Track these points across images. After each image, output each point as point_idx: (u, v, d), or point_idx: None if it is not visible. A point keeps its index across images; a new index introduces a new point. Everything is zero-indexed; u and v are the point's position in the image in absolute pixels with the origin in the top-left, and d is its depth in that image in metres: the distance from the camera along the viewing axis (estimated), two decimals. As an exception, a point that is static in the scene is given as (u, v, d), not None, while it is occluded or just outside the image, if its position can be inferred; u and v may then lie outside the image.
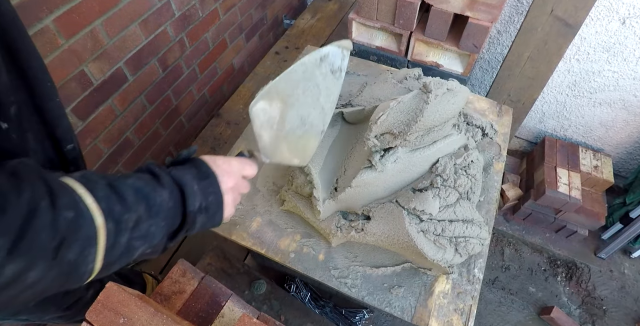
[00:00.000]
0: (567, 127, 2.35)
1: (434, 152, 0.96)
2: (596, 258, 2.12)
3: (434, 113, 0.87)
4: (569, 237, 2.17)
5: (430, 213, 0.90)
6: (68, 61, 1.39)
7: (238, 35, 2.25)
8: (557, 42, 1.88)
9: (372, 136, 0.90)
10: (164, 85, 1.86)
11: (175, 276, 1.10)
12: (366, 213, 0.97)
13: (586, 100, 2.22)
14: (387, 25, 1.64)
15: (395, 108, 0.87)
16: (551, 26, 1.85)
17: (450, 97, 0.89)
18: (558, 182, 2.08)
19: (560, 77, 2.22)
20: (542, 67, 2.00)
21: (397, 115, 0.87)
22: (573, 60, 2.17)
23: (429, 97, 0.85)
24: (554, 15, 1.82)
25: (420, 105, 0.86)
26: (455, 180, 0.95)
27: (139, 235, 0.53)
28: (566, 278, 2.10)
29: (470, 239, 0.93)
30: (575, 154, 2.21)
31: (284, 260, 1.06)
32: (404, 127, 0.88)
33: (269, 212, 1.14)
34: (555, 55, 1.93)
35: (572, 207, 2.04)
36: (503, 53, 2.33)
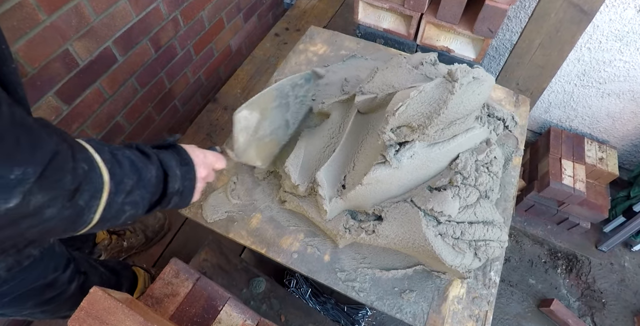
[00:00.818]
0: (573, 118, 2.26)
1: (454, 147, 0.85)
2: (597, 251, 2.06)
3: (458, 105, 0.76)
4: (570, 229, 2.10)
5: (449, 214, 0.80)
6: (50, 39, 1.24)
7: (236, 14, 2.09)
8: (571, 29, 1.75)
9: (388, 129, 0.78)
10: (156, 67, 1.71)
11: (168, 277, 0.99)
12: (378, 213, 0.87)
13: (594, 90, 2.12)
14: (397, 6, 1.51)
15: (415, 99, 0.75)
16: (565, 12, 1.72)
17: (476, 86, 0.78)
18: (563, 173, 1.99)
19: (569, 66, 2.11)
20: (553, 55, 1.87)
21: (417, 106, 0.76)
22: (584, 48, 2.05)
23: (454, 86, 0.73)
24: (569, 1, 1.69)
25: (444, 96, 0.74)
26: (476, 178, 0.85)
27: (130, 201, 0.59)
28: (566, 270, 2.04)
29: (490, 242, 0.83)
30: (581, 146, 2.12)
31: (286, 261, 0.96)
32: (425, 119, 0.76)
33: (269, 207, 1.03)
34: (568, 43, 1.81)
35: (575, 200, 1.96)
36: (512, 40, 2.20)
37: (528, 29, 1.80)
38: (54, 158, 0.46)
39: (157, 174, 0.64)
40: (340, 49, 1.38)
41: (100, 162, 0.54)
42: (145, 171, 0.62)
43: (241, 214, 1.04)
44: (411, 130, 0.79)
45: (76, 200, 0.50)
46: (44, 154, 0.45)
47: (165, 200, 0.68)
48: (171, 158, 0.69)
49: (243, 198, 1.06)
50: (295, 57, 1.36)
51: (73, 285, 1.09)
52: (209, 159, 0.80)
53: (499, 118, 0.94)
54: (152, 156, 0.65)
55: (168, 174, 0.66)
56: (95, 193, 0.53)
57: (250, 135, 0.87)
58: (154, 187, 0.64)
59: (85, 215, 0.53)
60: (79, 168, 0.50)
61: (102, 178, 0.53)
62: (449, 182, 0.84)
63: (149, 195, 0.63)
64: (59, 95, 1.35)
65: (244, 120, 0.84)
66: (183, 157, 0.72)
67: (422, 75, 0.95)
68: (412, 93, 0.74)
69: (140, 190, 0.60)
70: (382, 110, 0.97)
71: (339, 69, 1.30)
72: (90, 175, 0.52)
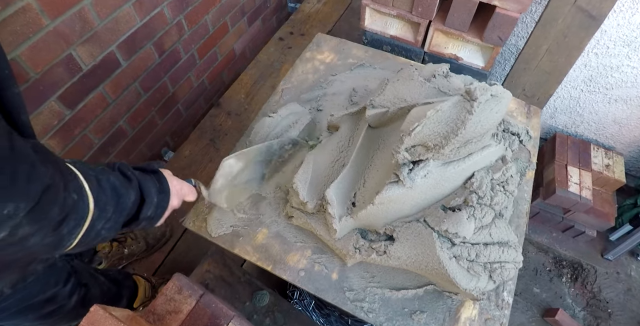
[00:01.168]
0: (579, 124, 2.21)
1: (469, 166, 0.81)
2: (603, 259, 2.02)
3: (475, 124, 0.72)
4: (575, 237, 2.06)
5: (464, 236, 0.77)
6: (54, 44, 1.20)
7: (240, 18, 2.05)
8: (579, 34, 1.71)
9: (403, 149, 0.74)
10: (160, 71, 1.67)
11: (170, 294, 0.95)
12: (389, 233, 0.83)
13: (601, 96, 2.08)
14: (404, 12, 1.46)
15: (432, 118, 0.71)
16: (573, 17, 1.68)
17: (494, 104, 0.74)
18: (569, 181, 1.95)
19: (576, 71, 2.07)
20: (561, 61, 1.83)
21: (434, 126, 0.72)
22: (591, 54, 2.01)
23: (473, 106, 0.69)
24: (577, 6, 1.64)
25: (462, 115, 0.70)
26: (492, 197, 0.81)
27: (107, 226, 0.61)
28: (571, 279, 2.00)
29: (506, 264, 0.79)
30: (587, 152, 2.08)
31: (293, 278, 0.92)
32: (441, 139, 0.72)
33: (276, 222, 1.00)
34: (576, 49, 1.77)
35: (582, 207, 1.92)
36: (518, 45, 2.16)
37: (535, 34, 1.76)
38: (46, 191, 0.47)
39: (134, 199, 0.66)
40: (347, 57, 1.34)
41: (88, 190, 0.55)
42: (124, 196, 0.63)
43: (247, 229, 1.00)
44: (426, 149, 0.75)
45: (61, 229, 0.52)
46: (38, 188, 0.46)
47: (135, 223, 0.70)
48: (151, 185, 0.71)
49: (249, 212, 1.02)
50: (302, 66, 1.32)
51: (74, 299, 1.06)
52: (184, 190, 0.83)
53: (513, 133, 0.90)
54: (132, 180, 0.67)
55: (145, 200, 0.68)
56: (79, 221, 0.54)
57: (227, 181, 0.94)
58: (128, 211, 0.66)
59: (66, 241, 0.54)
60: (68, 199, 0.51)
61: (88, 207, 0.55)
62: (464, 202, 0.81)
63: (123, 218, 0.65)
64: (61, 100, 1.31)
65: (228, 167, 0.92)
66: (162, 185, 0.74)
67: (435, 89, 0.91)
68: (428, 113, 0.70)
69: (117, 214, 0.62)
70: (393, 124, 0.93)
71: (346, 78, 1.26)
72: (78, 205, 0.53)
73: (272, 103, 1.24)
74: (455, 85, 0.96)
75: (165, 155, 1.89)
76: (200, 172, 1.78)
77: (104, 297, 1.19)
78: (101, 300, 1.17)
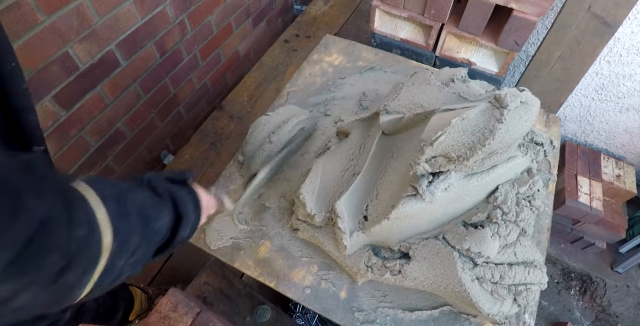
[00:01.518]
0: (589, 133, 2.14)
1: (494, 179, 0.73)
2: (612, 272, 1.94)
3: (504, 134, 0.65)
4: (585, 249, 1.99)
5: (487, 256, 0.69)
6: (49, 41, 1.13)
7: (245, 19, 1.98)
8: (593, 42, 1.64)
9: (424, 160, 0.67)
10: (161, 72, 1.60)
11: (165, 311, 0.88)
12: (404, 250, 0.75)
13: (613, 105, 2.01)
14: (416, 15, 1.40)
15: (457, 127, 0.64)
16: (587, 24, 1.61)
17: (523, 112, 0.67)
18: (579, 191, 1.88)
19: (587, 79, 2.00)
20: (574, 69, 1.76)
21: (458, 135, 0.65)
22: (603, 61, 1.94)
23: (503, 113, 0.62)
24: (592, 12, 1.57)
25: (491, 124, 0.63)
26: (517, 213, 0.73)
27: (132, 262, 0.46)
28: (580, 292, 1.92)
29: (531, 286, 0.72)
30: (597, 162, 2.01)
31: (298, 297, 0.84)
32: (466, 150, 0.65)
33: (280, 235, 0.92)
34: (589, 56, 1.70)
35: (592, 219, 1.85)
36: (528, 51, 2.09)
37: (548, 41, 1.69)
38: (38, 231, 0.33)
39: (168, 220, 0.52)
40: (357, 60, 1.26)
41: (104, 218, 0.41)
42: (155, 220, 0.49)
43: (248, 241, 0.92)
44: (448, 160, 0.68)
45: (63, 280, 0.37)
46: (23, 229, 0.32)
47: (168, 250, 0.55)
48: (188, 199, 0.58)
49: (251, 223, 0.94)
50: (310, 68, 1.25)
51: (67, 314, 0.98)
52: (210, 206, 0.70)
53: (537, 143, 0.83)
54: (164, 196, 0.54)
55: (182, 219, 0.55)
56: (89, 264, 0.40)
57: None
58: (161, 237, 0.52)
59: (75, 291, 0.40)
60: (72, 237, 0.37)
61: (101, 243, 0.40)
62: (487, 218, 0.73)
63: (153, 247, 0.51)
64: (56, 100, 1.24)
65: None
66: (195, 198, 0.62)
67: (454, 94, 0.84)
68: (453, 121, 0.63)
69: (146, 244, 0.48)
70: (409, 131, 0.86)
71: (356, 81, 1.19)
72: (88, 242, 0.39)
73: (276, 106, 1.17)
74: (474, 91, 0.89)
75: (164, 159, 1.81)
76: (201, 177, 1.70)
77: (99, 310, 1.11)
78: (96, 312, 1.09)
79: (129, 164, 1.66)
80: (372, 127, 0.92)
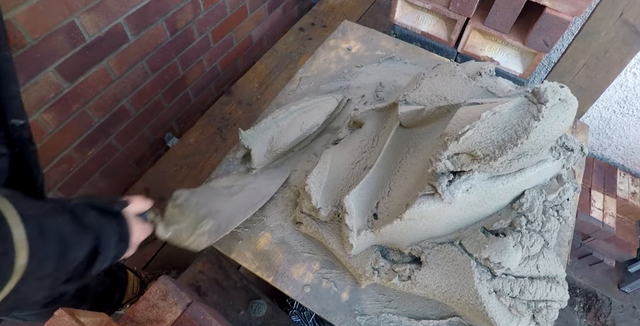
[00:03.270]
0: (607, 147, 2.06)
1: (521, 183, 0.67)
2: (619, 291, 1.87)
3: (539, 134, 0.58)
4: (592, 265, 1.92)
5: (508, 267, 0.63)
6: (55, 8, 1.07)
7: (260, 4, 1.91)
8: (621, 50, 1.56)
9: (445, 156, 0.60)
10: (170, 51, 1.53)
11: (154, 299, 0.82)
12: (416, 254, 0.69)
13: (635, 119, 1.93)
14: (440, 7, 1.32)
15: (487, 122, 0.57)
16: (617, 32, 1.53)
17: (561, 111, 0.60)
18: (592, 205, 1.81)
19: (610, 90, 1.92)
20: (599, 78, 1.68)
21: (488, 131, 0.58)
22: (629, 73, 1.86)
23: (541, 110, 0.55)
24: (623, 20, 1.49)
25: (526, 122, 0.56)
26: (543, 222, 0.67)
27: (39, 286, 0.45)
28: (584, 309, 1.85)
29: (552, 304, 0.65)
30: (613, 177, 1.93)
31: (297, 295, 0.78)
32: (495, 149, 0.58)
33: (281, 227, 0.86)
34: (616, 66, 1.62)
35: (603, 235, 1.78)
36: (550, 57, 2.01)
37: (573, 47, 1.61)
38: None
39: (86, 255, 0.51)
40: (376, 48, 1.19)
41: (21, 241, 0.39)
42: (73, 250, 0.48)
43: (247, 231, 0.86)
44: (472, 158, 0.61)
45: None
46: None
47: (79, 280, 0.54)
48: (112, 233, 0.56)
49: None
50: (325, 54, 1.18)
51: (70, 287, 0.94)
52: (141, 237, 0.67)
53: (568, 149, 0.76)
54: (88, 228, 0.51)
55: (99, 253, 0.53)
56: None
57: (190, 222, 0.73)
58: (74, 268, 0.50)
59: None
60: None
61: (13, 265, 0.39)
62: (510, 226, 0.66)
63: (64, 277, 0.49)
64: (60, 71, 1.18)
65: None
66: (123, 231, 0.60)
67: (482, 88, 0.77)
68: (483, 115, 0.56)
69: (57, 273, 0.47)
70: (428, 125, 0.79)
71: (373, 71, 1.12)
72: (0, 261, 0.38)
73: (287, 92, 1.10)
74: (502, 87, 0.82)
75: (168, 141, 1.75)
76: (204, 163, 1.64)
77: (98, 289, 1.07)
78: (96, 291, 1.07)
79: (131, 144, 1.60)
80: (388, 118, 0.85)
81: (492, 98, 0.73)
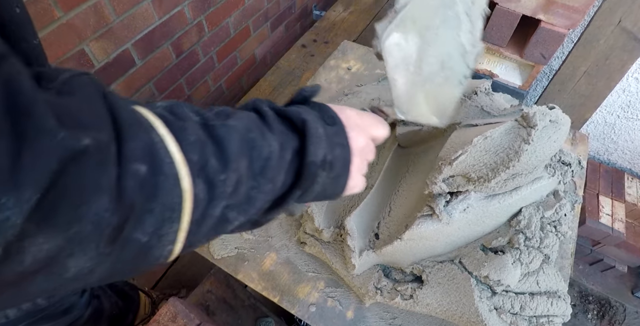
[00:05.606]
0: (613, 151, 2.06)
1: (517, 201, 0.68)
2: (633, 297, 1.85)
3: (530, 155, 0.60)
4: (604, 272, 1.90)
5: (507, 284, 0.64)
6: (66, 37, 1.12)
7: (263, 23, 1.96)
8: (621, 57, 1.57)
9: (441, 179, 0.62)
10: (176, 73, 1.58)
11: (164, 321, 0.84)
12: (417, 273, 0.71)
13: (639, 123, 1.92)
14: (438, 23, 1.35)
15: (479, 146, 0.59)
16: (616, 39, 1.54)
17: (552, 131, 0.62)
18: (600, 211, 1.80)
19: (613, 96, 1.92)
20: (600, 85, 1.69)
21: (480, 155, 0.60)
22: (631, 78, 1.86)
23: (530, 134, 0.57)
24: (622, 27, 1.50)
25: (516, 145, 0.58)
26: (541, 238, 0.68)
27: (235, 203, 0.32)
28: (597, 316, 1.83)
29: (554, 319, 0.66)
30: (621, 182, 1.92)
31: (302, 314, 0.80)
32: (488, 171, 0.60)
33: (286, 247, 0.88)
34: (617, 72, 1.63)
35: (613, 241, 1.76)
36: (552, 65, 2.02)
37: (573, 55, 1.62)
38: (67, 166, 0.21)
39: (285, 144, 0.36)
40: (375, 67, 1.22)
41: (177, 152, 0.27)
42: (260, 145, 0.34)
43: (253, 252, 0.89)
44: (467, 180, 0.63)
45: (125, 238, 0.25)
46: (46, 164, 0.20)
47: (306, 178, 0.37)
48: (308, 112, 0.40)
49: (257, 234, 0.90)
50: (325, 74, 1.21)
51: (88, 311, 0.97)
52: (367, 121, 0.47)
53: (565, 163, 0.77)
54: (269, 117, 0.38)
55: (306, 134, 0.37)
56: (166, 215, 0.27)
57: (412, 74, 0.53)
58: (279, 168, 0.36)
59: (155, 251, 0.28)
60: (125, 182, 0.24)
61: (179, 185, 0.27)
62: (508, 243, 0.68)
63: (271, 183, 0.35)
64: (70, 98, 1.22)
65: (398, 49, 0.50)
66: (328, 114, 0.42)
67: (477, 108, 0.79)
68: (475, 140, 0.58)
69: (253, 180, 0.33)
70: (426, 144, 0.81)
71: (373, 90, 1.15)
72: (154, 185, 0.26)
73: (291, 113, 1.13)
74: (498, 104, 0.84)
75: (175, 160, 1.79)
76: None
77: (112, 311, 1.09)
78: (110, 314, 1.08)
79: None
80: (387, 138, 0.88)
81: (486, 118, 0.74)
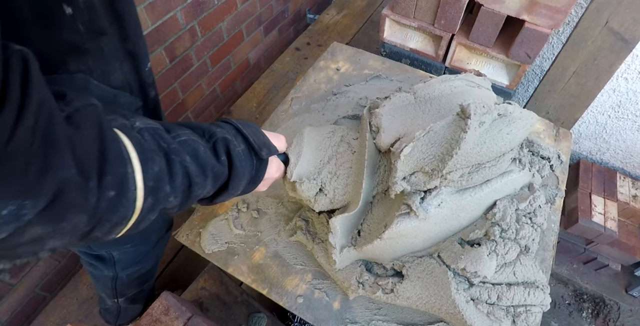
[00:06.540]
0: (605, 151, 2.08)
1: (489, 194, 0.71)
2: (627, 295, 1.86)
3: (479, 146, 0.62)
4: (598, 270, 1.91)
5: (484, 276, 0.66)
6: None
7: (256, 27, 2.00)
8: (609, 58, 1.60)
9: (400, 177, 0.65)
10: (170, 77, 1.62)
11: (156, 314, 0.87)
12: (397, 268, 0.73)
13: (630, 123, 1.95)
14: (426, 25, 1.39)
15: (423, 139, 0.62)
16: (604, 40, 1.57)
17: (504, 125, 0.65)
18: (592, 210, 1.82)
19: (604, 96, 1.95)
20: (589, 85, 1.72)
21: (426, 147, 0.63)
22: (621, 78, 1.90)
23: (467, 124, 0.60)
24: (609, 28, 1.54)
25: (457, 135, 0.61)
26: (517, 230, 0.70)
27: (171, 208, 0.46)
28: (592, 314, 1.85)
29: (532, 308, 0.69)
30: (613, 181, 1.95)
31: (290, 305, 0.82)
32: (438, 162, 0.63)
33: (275, 241, 0.91)
34: (605, 73, 1.66)
35: (606, 239, 1.78)
36: (542, 65, 2.05)
37: (562, 56, 1.65)
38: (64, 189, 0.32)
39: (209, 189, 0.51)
40: (363, 68, 1.26)
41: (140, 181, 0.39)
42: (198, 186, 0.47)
43: (243, 246, 0.91)
44: (427, 175, 0.66)
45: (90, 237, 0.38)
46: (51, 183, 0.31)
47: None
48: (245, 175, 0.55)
49: (247, 229, 0.93)
50: (315, 75, 1.25)
51: None
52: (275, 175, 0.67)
53: (543, 158, 0.80)
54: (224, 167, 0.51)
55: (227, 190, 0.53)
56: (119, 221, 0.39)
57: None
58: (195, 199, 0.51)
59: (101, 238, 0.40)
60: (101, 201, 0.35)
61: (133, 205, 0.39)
62: (485, 235, 0.70)
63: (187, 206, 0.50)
64: (66, 102, 1.26)
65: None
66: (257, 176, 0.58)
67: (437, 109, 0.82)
68: (417, 134, 0.61)
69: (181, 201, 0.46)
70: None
71: (361, 89, 1.18)
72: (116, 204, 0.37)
73: (280, 112, 1.17)
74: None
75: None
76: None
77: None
78: None
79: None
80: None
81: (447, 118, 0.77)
